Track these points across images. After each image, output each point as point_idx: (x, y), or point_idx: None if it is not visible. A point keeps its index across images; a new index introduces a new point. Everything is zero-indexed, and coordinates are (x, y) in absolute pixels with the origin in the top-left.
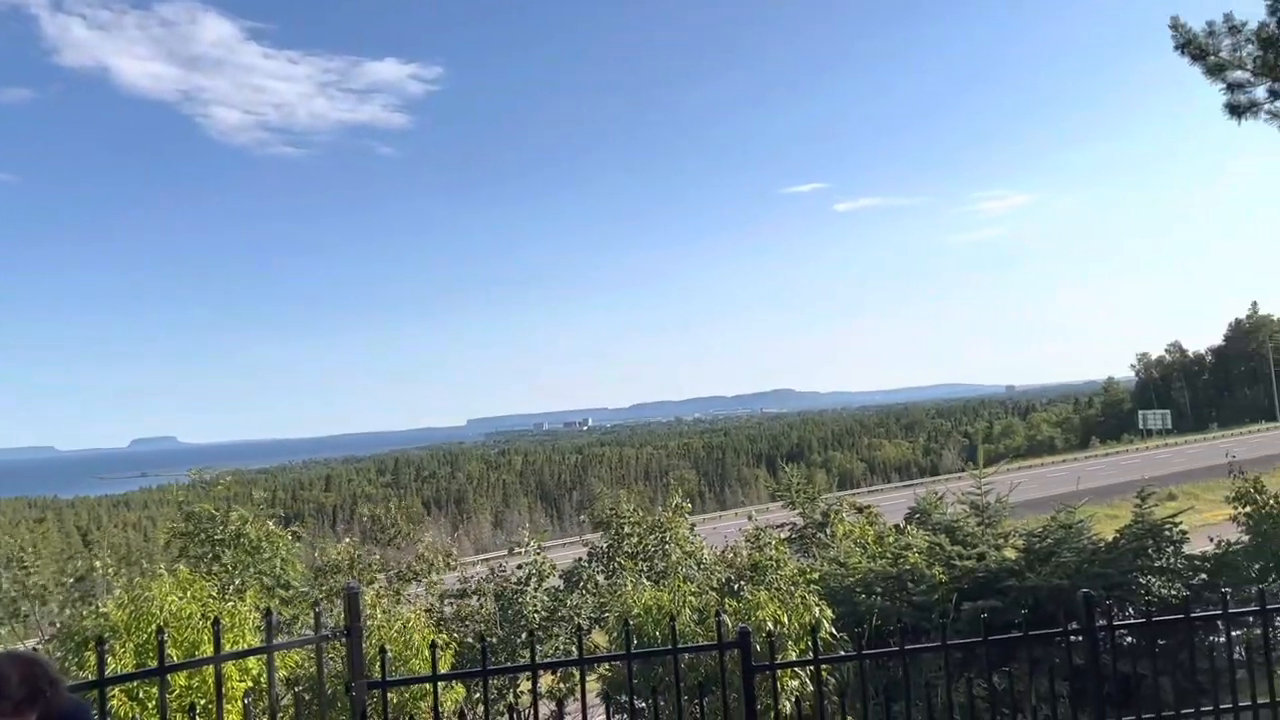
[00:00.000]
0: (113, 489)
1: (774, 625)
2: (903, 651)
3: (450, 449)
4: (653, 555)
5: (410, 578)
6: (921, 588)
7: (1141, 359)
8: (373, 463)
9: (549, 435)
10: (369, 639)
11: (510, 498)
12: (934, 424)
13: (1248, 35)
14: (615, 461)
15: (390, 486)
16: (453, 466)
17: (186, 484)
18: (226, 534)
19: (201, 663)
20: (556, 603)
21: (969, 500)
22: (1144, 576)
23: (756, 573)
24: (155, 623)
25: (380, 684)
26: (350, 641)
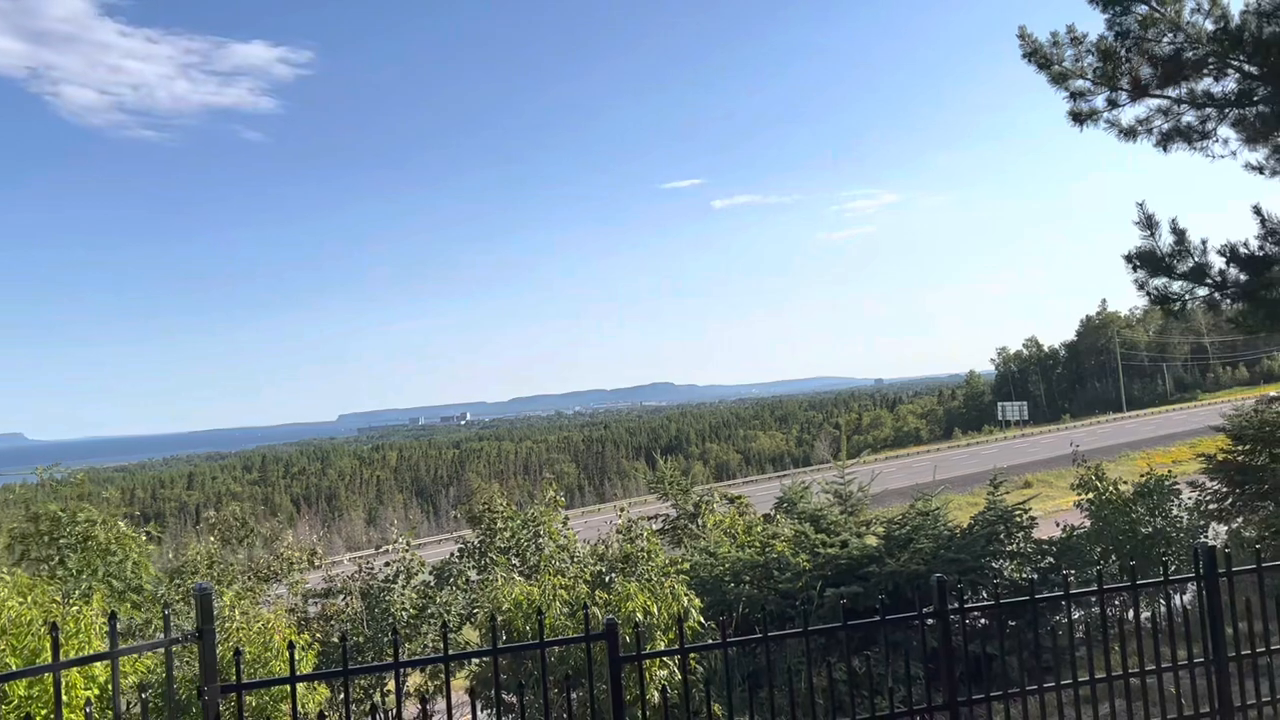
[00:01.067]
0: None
1: (643, 616)
2: (766, 639)
3: (321, 445)
4: (525, 550)
5: (271, 578)
6: (787, 575)
7: (1001, 353)
8: (239, 459)
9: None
10: (225, 641)
11: (384, 494)
12: (806, 416)
13: (1089, 46)
14: (493, 456)
15: (257, 484)
16: (323, 463)
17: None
18: (73, 535)
19: (39, 670)
20: (426, 600)
21: (833, 490)
22: (996, 561)
23: (628, 564)
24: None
25: (235, 687)
26: (202, 644)
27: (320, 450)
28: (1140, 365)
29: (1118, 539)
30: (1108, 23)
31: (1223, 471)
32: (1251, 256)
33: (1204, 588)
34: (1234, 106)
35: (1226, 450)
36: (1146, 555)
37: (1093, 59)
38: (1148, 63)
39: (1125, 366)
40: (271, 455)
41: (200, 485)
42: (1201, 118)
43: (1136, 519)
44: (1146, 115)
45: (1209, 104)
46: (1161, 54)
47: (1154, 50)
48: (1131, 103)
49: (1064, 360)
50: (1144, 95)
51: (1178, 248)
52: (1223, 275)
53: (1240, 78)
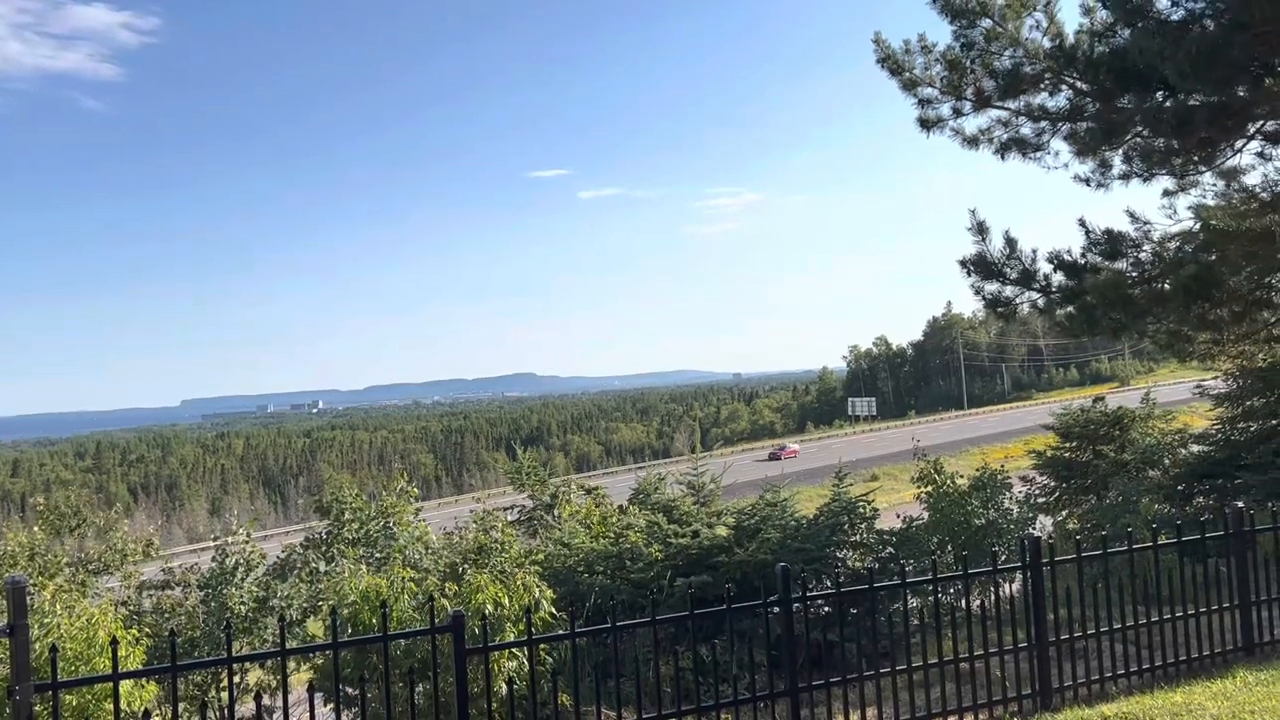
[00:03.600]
0: None
1: (494, 608)
2: (615, 628)
3: (161, 431)
4: (376, 541)
5: (101, 570)
6: (639, 565)
7: (852, 350)
8: (70, 445)
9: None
10: (44, 638)
11: (229, 484)
12: (667, 409)
13: (938, 56)
14: (347, 446)
15: (91, 471)
16: (164, 450)
17: None
18: None
19: None
20: (267, 593)
21: (687, 481)
22: (840, 550)
23: (481, 556)
24: None
25: (51, 686)
26: (14, 641)
27: (161, 437)
28: (981, 365)
29: (954, 530)
30: (955, 34)
31: (1051, 467)
32: (1075, 264)
33: (1029, 576)
34: (1067, 121)
35: (1055, 447)
36: (979, 546)
37: (940, 68)
38: (989, 75)
39: (967, 366)
40: (107, 441)
41: (27, 472)
42: (1037, 130)
43: (971, 511)
44: (988, 125)
45: (1044, 117)
46: (1002, 68)
47: (996, 64)
48: (975, 113)
49: (911, 359)
50: (986, 106)
51: (1008, 254)
52: (1049, 281)
53: (1073, 94)
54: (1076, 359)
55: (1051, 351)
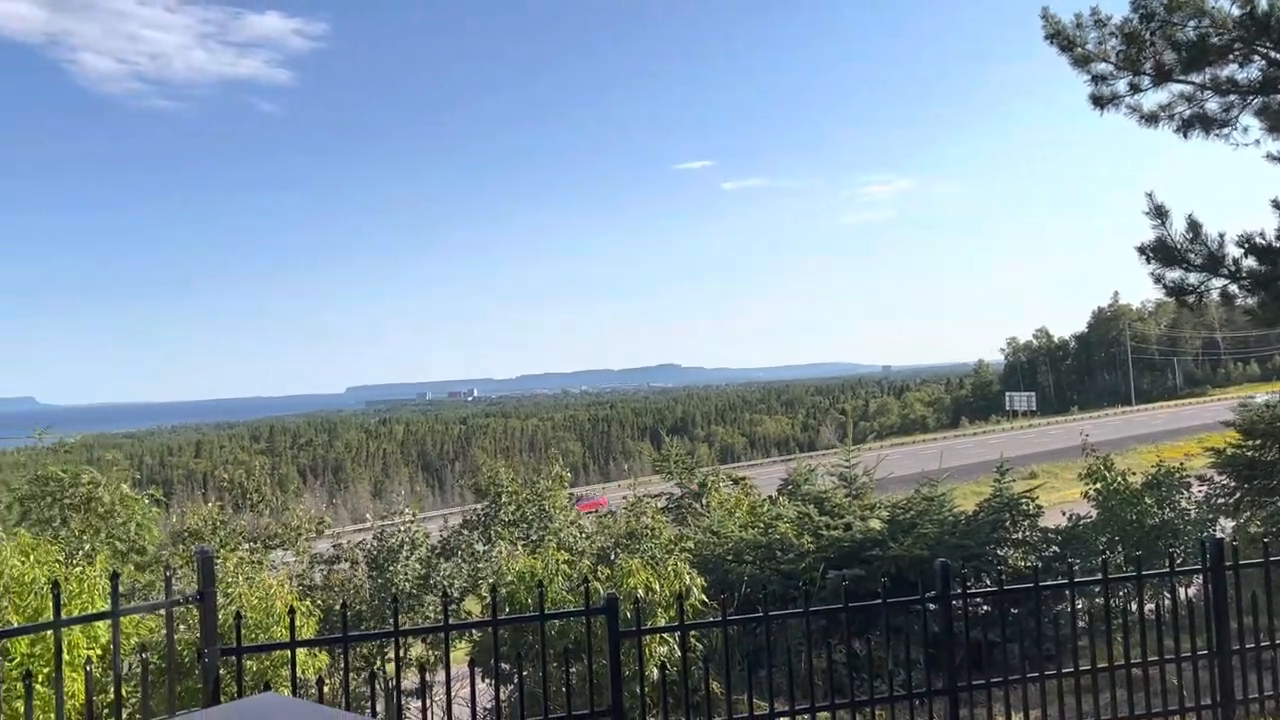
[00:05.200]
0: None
1: (645, 592)
2: (767, 618)
3: (329, 416)
4: (531, 524)
5: (277, 545)
6: (790, 556)
7: (1010, 343)
8: (247, 429)
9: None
10: (228, 606)
11: (390, 467)
12: (813, 401)
13: (1113, 29)
14: (500, 432)
15: (265, 454)
16: (330, 434)
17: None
18: (76, 497)
19: (40, 628)
20: (429, 570)
21: (838, 473)
22: (1000, 548)
23: (632, 541)
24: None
25: (235, 650)
26: (203, 607)
27: (328, 422)
28: (1150, 359)
29: (1124, 529)
30: (1132, 5)
31: (1232, 466)
32: (1269, 247)
33: (1210, 580)
34: (1258, 94)
35: (1236, 445)
36: (1152, 547)
37: (1116, 42)
38: (1171, 47)
39: (1135, 360)
40: (280, 426)
41: (208, 454)
42: (1224, 105)
43: (1144, 510)
44: (1169, 101)
45: (1233, 91)
46: (1186, 39)
47: (1178, 35)
48: (1154, 88)
49: (1074, 352)
50: (1167, 80)
51: (1191, 239)
52: (1238, 266)
53: (1266, 65)
54: (1258, 353)
55: (1229, 345)
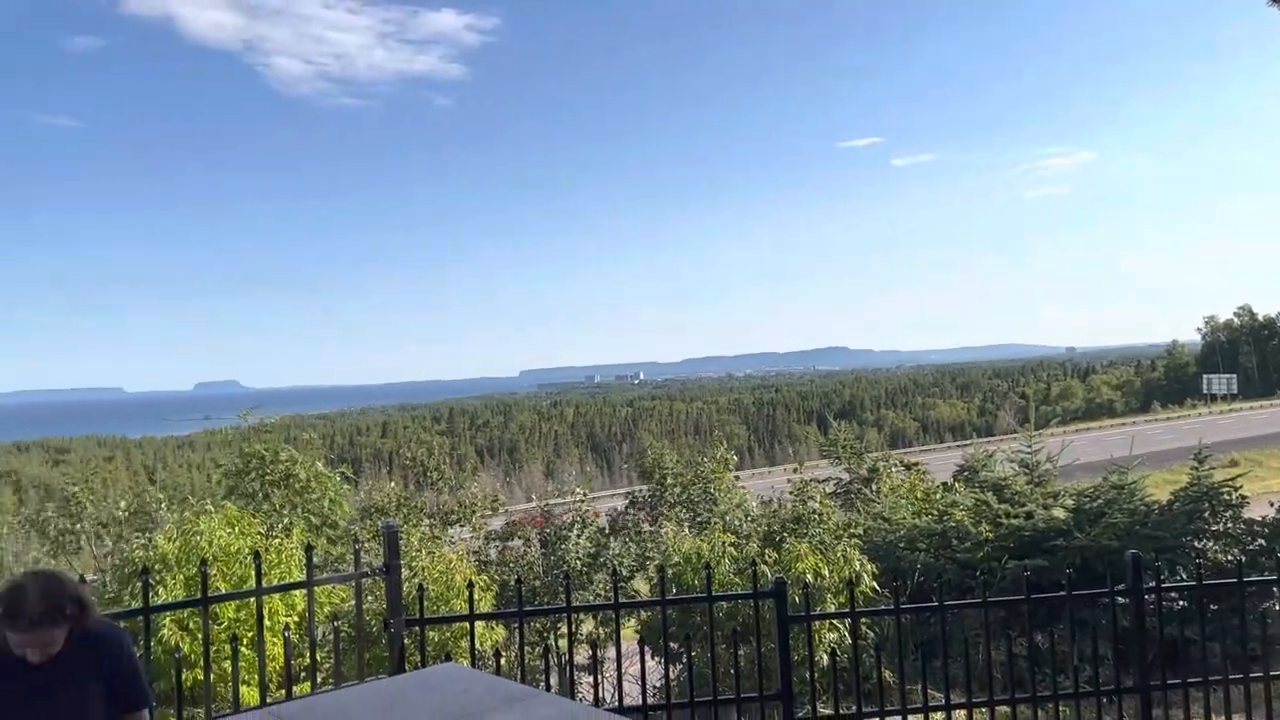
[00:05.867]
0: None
1: (813, 577)
2: (942, 607)
3: (504, 399)
4: (696, 505)
5: (455, 521)
6: (966, 545)
7: (1209, 322)
8: (428, 410)
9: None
10: (411, 579)
11: (561, 448)
12: (990, 384)
13: None
14: (665, 415)
15: (445, 434)
16: (505, 416)
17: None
18: (276, 474)
19: (243, 595)
20: (599, 549)
21: (1019, 459)
22: (1198, 540)
23: (799, 525)
24: (203, 556)
25: (419, 621)
26: (389, 579)
27: (503, 404)
28: None
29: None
30: None
31: None
32: None
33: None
34: None
35: None
36: None
37: None
38: None
39: None
40: (458, 408)
41: (393, 434)
42: None
43: None
44: None
45: None
46: None
47: None
48: None
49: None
50: None
51: None
52: None
53: None
54: None
55: None
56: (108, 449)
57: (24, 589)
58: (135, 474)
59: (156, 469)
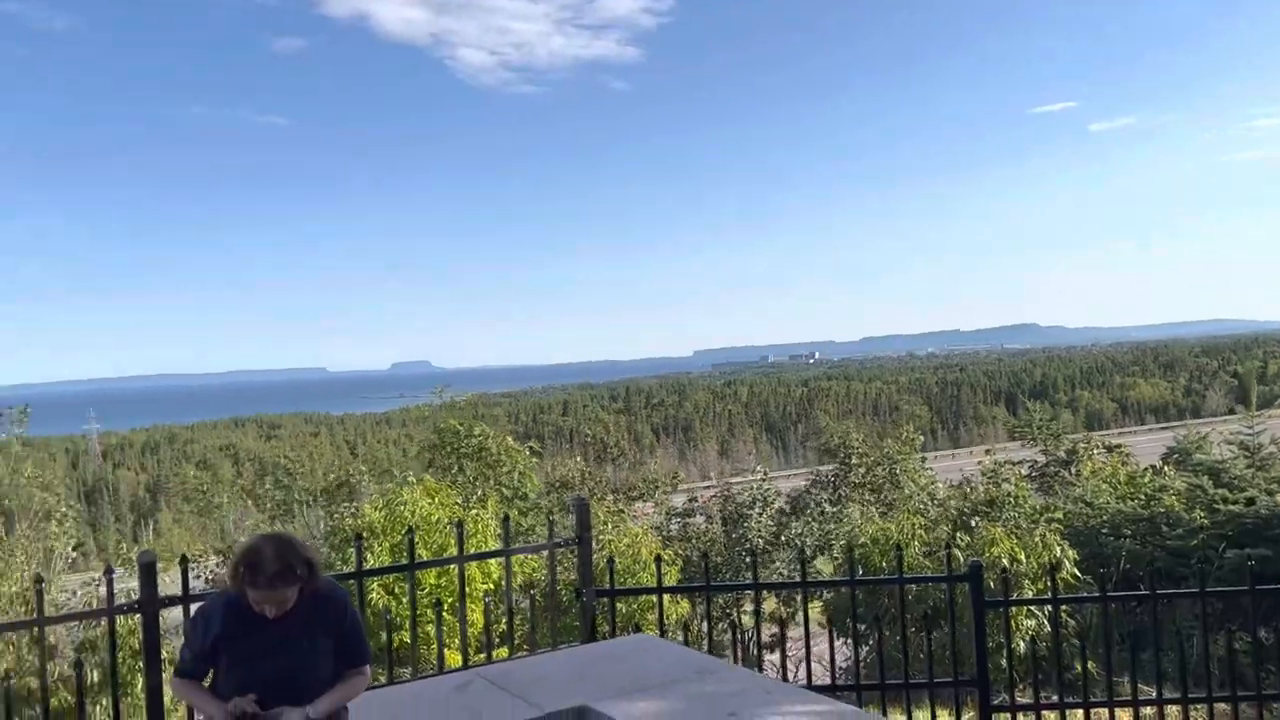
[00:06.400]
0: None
1: (1009, 562)
2: (1154, 596)
3: (678, 379)
4: (881, 486)
5: (637, 496)
6: (1178, 532)
7: None
8: (606, 389)
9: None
10: (599, 551)
11: (735, 427)
12: (1197, 362)
13: None
14: (842, 395)
15: (622, 413)
16: (680, 395)
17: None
18: (470, 448)
19: (446, 561)
20: (780, 527)
21: (1238, 441)
22: None
23: (992, 508)
24: (406, 524)
25: (609, 592)
26: (580, 550)
27: (678, 384)
28: None
29: None
30: None
31: None
32: None
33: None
34: None
35: None
36: None
37: None
38: None
39: None
40: (634, 387)
41: (573, 412)
42: None
43: None
44: None
45: None
46: None
47: None
48: None
49: None
50: None
51: None
52: None
53: None
54: None
55: None
56: (313, 425)
57: (261, 550)
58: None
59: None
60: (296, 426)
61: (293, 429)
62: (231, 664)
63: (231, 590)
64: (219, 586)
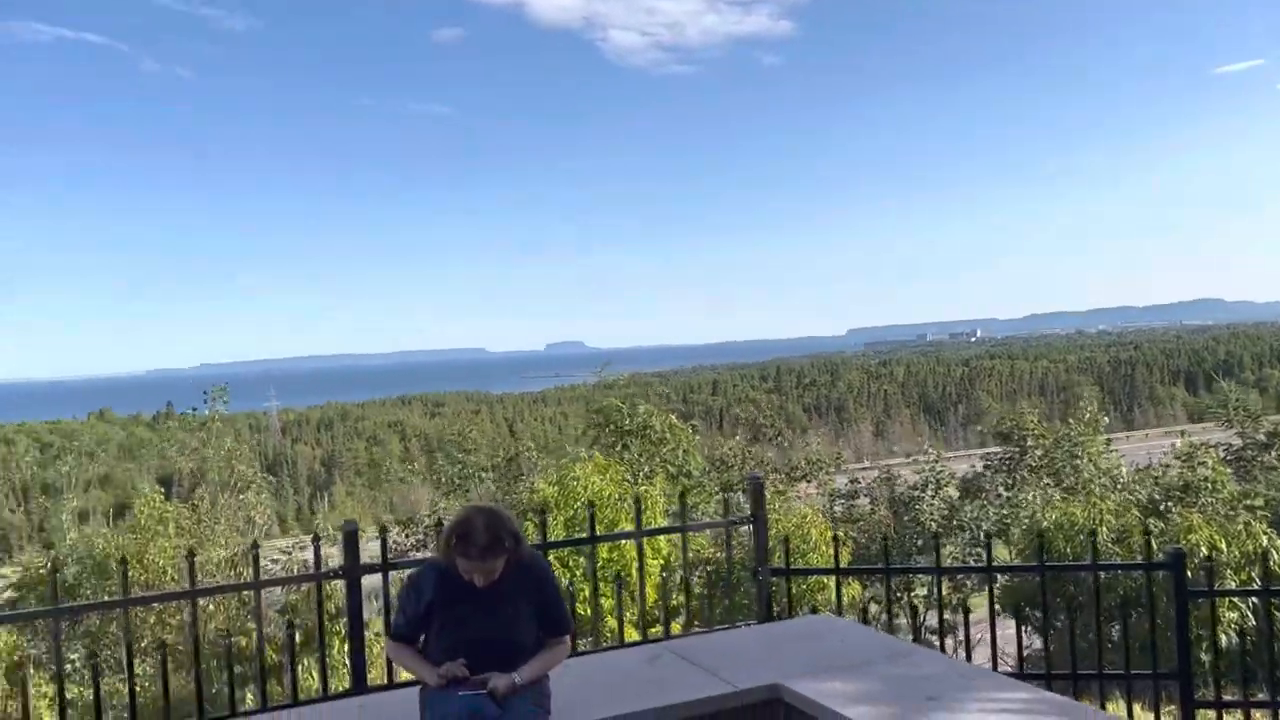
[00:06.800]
0: (531, 386)
1: (1208, 550)
2: None
3: (830, 358)
4: (1060, 469)
5: (800, 477)
6: None
7: None
8: (756, 369)
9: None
10: (769, 530)
11: (891, 408)
12: None
13: None
14: (1006, 375)
15: (772, 392)
16: (833, 375)
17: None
18: (634, 425)
19: (625, 535)
20: (953, 511)
21: None
22: None
23: (1187, 494)
24: (580, 500)
25: (784, 571)
26: (756, 529)
27: (830, 363)
28: None
29: None
30: None
31: None
32: None
33: None
34: None
35: None
36: None
37: None
38: None
39: None
40: (785, 366)
41: (723, 391)
42: None
43: None
44: None
45: None
46: None
47: None
48: None
49: None
50: None
51: None
52: None
53: None
54: None
55: None
56: (474, 403)
57: (472, 522)
58: (498, 425)
59: (515, 421)
60: (458, 404)
61: (455, 407)
62: (442, 630)
63: (441, 559)
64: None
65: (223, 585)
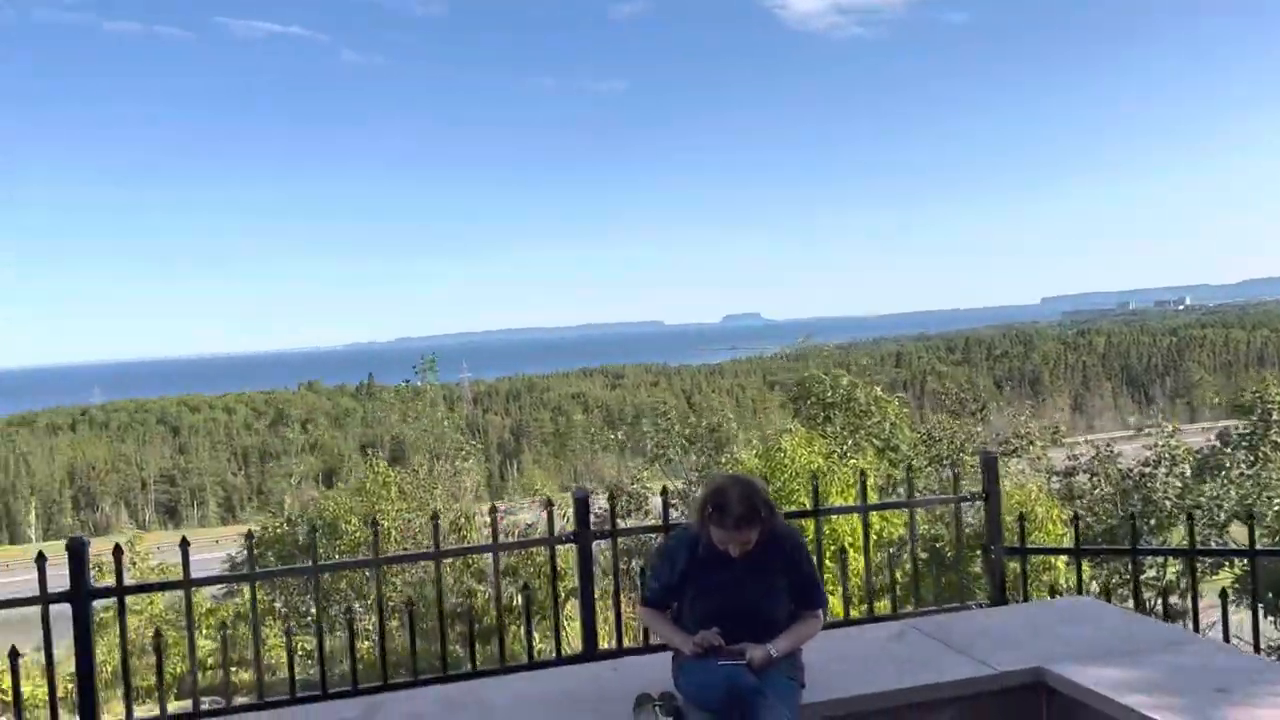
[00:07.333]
0: (708, 359)
1: None
2: None
3: (1023, 328)
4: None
5: (1010, 453)
6: None
7: None
8: (942, 340)
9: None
10: None
11: (1090, 381)
12: None
13: None
14: (1219, 345)
15: (960, 364)
16: (1026, 346)
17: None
18: (837, 397)
19: (850, 509)
20: (1186, 490)
21: None
22: None
23: None
24: (786, 472)
25: (1019, 550)
26: (989, 506)
27: (1023, 334)
28: None
29: None
30: None
31: None
32: None
33: None
34: None
35: None
36: None
37: None
38: None
39: None
40: (974, 337)
41: (907, 364)
42: None
43: None
44: None
45: None
46: None
47: None
48: None
49: None
50: None
51: None
52: None
53: None
54: None
55: None
56: (652, 375)
57: (728, 492)
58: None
59: (692, 393)
60: (638, 376)
61: (634, 378)
62: (696, 598)
63: (695, 528)
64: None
65: (465, 547)
